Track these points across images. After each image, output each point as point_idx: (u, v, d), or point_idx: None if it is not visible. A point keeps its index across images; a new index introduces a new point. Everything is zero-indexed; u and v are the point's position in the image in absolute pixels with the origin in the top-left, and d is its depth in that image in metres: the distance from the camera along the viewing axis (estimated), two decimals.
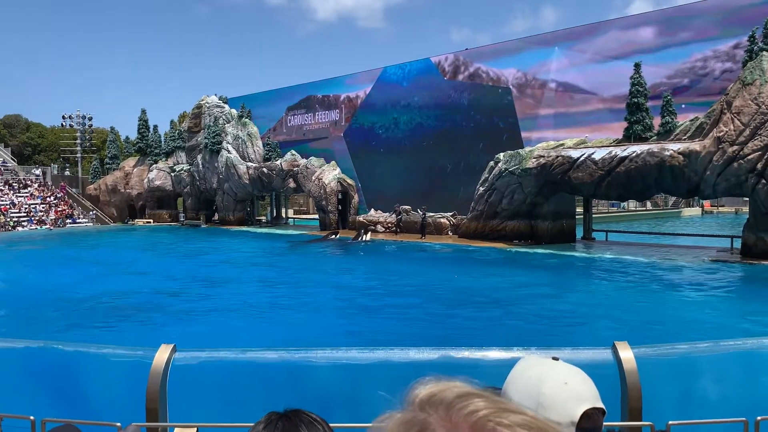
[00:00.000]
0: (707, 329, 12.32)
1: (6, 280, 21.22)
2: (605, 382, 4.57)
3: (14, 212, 48.83)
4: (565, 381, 1.28)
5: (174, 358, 5.26)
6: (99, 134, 68.97)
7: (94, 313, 15.00)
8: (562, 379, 1.29)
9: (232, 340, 11.88)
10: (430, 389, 0.80)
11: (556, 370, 1.32)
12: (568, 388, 1.27)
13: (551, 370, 1.31)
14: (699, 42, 25.19)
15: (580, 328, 12.83)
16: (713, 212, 58.66)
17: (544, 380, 1.28)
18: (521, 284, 18.27)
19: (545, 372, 1.30)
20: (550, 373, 1.30)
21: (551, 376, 1.29)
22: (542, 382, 1.28)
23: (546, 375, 1.29)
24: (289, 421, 1.11)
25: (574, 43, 29.27)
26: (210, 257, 27.15)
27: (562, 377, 1.29)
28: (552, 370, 1.32)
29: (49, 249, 33.19)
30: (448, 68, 34.53)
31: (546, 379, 1.28)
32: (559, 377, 1.29)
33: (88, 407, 5.63)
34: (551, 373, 1.30)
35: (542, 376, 1.29)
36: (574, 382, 1.29)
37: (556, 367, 1.33)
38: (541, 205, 28.09)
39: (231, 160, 44.51)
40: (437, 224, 33.38)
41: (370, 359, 5.66)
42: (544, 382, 1.27)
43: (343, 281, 20.48)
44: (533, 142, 29.54)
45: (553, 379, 1.28)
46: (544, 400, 1.25)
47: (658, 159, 23.16)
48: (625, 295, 16.76)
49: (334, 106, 41.82)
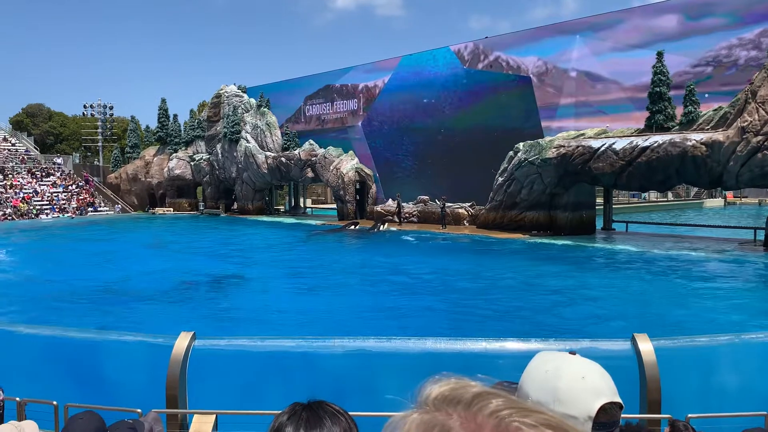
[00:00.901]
0: (728, 322, 12.19)
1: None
2: (624, 374, 4.54)
3: (37, 200, 49.58)
4: (583, 375, 1.27)
5: (194, 345, 5.33)
6: (120, 123, 69.64)
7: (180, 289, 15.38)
8: (579, 374, 1.27)
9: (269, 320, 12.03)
10: (444, 388, 0.78)
11: (574, 364, 1.31)
12: (585, 383, 1.26)
13: (568, 365, 1.30)
14: (723, 30, 24.70)
15: (598, 320, 12.75)
16: (736, 203, 57.71)
17: (560, 375, 1.26)
18: (540, 275, 18.19)
19: (562, 366, 1.29)
20: (567, 367, 1.29)
21: (568, 371, 1.28)
22: (559, 377, 1.26)
23: (563, 369, 1.28)
24: (313, 413, 1.12)
25: (595, 31, 28.87)
26: (245, 244, 28.21)
27: (579, 372, 1.28)
28: (569, 364, 1.30)
29: (102, 235, 33.70)
30: (468, 57, 34.27)
31: (563, 373, 1.27)
32: (577, 371, 1.28)
33: (109, 393, 5.72)
34: (568, 368, 1.29)
35: (559, 371, 1.27)
36: (592, 376, 1.28)
37: (573, 361, 1.32)
38: (560, 196, 27.87)
39: (250, 150, 44.71)
40: (455, 214, 33.29)
41: (386, 348, 5.68)
42: (560, 377, 1.26)
43: (360, 269, 20.61)
44: (553, 131, 29.28)
45: (570, 374, 1.27)
46: (560, 395, 1.24)
47: (680, 149, 22.85)
48: (645, 286, 16.62)
49: (353, 96, 41.75)
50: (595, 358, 1.36)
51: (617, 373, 1.47)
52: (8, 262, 24.20)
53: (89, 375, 6.07)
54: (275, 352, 5.98)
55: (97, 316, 13.26)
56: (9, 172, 51.94)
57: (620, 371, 1.89)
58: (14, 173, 52.13)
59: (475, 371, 0.97)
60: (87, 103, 62.87)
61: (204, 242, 29.23)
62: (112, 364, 6.11)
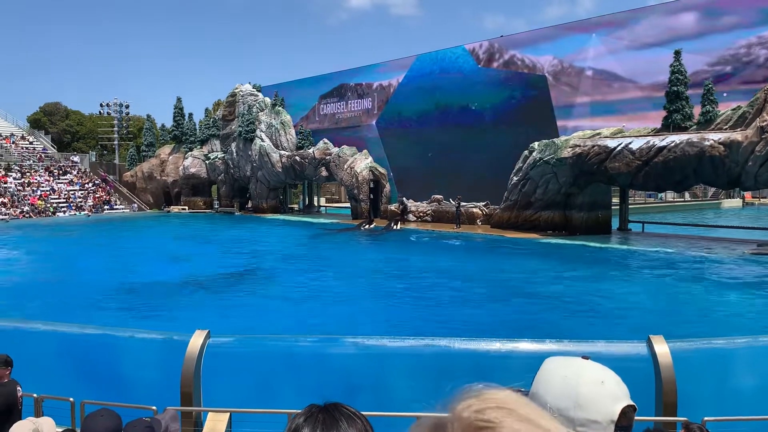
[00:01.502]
0: (745, 324, 12.05)
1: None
2: (639, 376, 4.50)
3: (54, 198, 50.12)
4: (602, 380, 1.29)
5: (208, 343, 5.36)
6: (135, 122, 70.17)
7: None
8: (599, 379, 1.29)
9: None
10: (470, 406, 0.80)
11: (592, 369, 1.32)
12: (605, 388, 1.27)
13: (586, 370, 1.31)
14: (743, 28, 24.40)
15: (614, 321, 12.66)
16: (754, 204, 56.99)
17: (580, 380, 1.28)
18: (555, 275, 18.09)
19: (580, 372, 1.30)
20: (586, 372, 1.30)
21: (588, 376, 1.29)
22: (579, 383, 1.28)
23: (582, 375, 1.29)
24: (330, 415, 1.12)
25: (612, 29, 28.64)
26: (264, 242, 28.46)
27: (598, 377, 1.30)
28: (587, 369, 1.31)
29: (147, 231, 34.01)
30: (483, 56, 34.15)
31: (582, 379, 1.28)
32: (596, 377, 1.30)
33: (125, 390, 5.76)
34: (587, 373, 1.30)
35: (578, 377, 1.29)
36: (610, 381, 1.30)
37: (590, 366, 1.33)
38: (575, 196, 27.68)
39: (264, 149, 44.88)
40: (469, 214, 33.18)
41: (401, 348, 5.68)
42: (580, 383, 1.28)
43: (373, 269, 20.63)
44: (569, 131, 29.09)
45: (590, 379, 1.29)
46: (581, 400, 1.25)
47: (697, 149, 22.61)
48: (661, 287, 16.47)
49: (367, 95, 41.77)
50: (611, 361, 1.36)
51: (633, 376, 1.47)
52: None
53: (105, 372, 6.12)
54: (289, 349, 6.00)
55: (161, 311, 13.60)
56: (26, 170, 52.55)
57: (636, 373, 1.87)
58: (32, 171, 52.73)
59: (493, 372, 0.96)
60: (103, 102, 63.46)
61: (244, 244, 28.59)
62: (128, 361, 6.16)
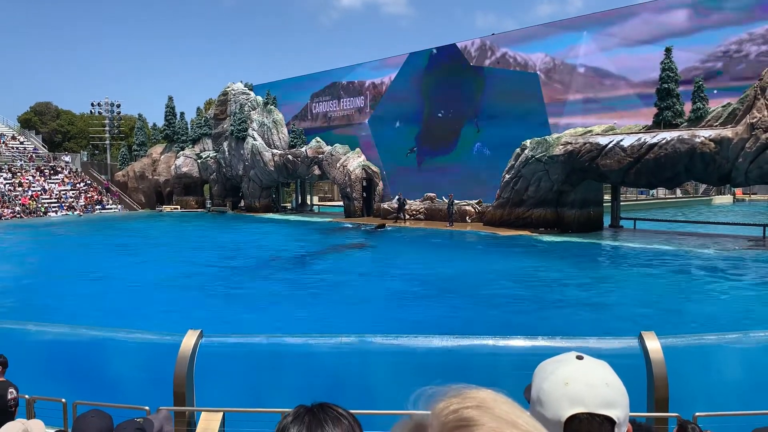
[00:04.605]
0: (736, 319, 12.12)
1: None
2: (631, 372, 4.52)
3: (45, 198, 49.84)
4: (567, 382, 1.20)
5: (201, 343, 5.34)
6: (127, 121, 69.82)
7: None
8: (567, 379, 1.21)
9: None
10: (449, 406, 0.80)
11: (572, 368, 1.24)
12: (568, 389, 1.19)
13: (568, 367, 1.24)
14: (733, 25, 24.52)
15: (605, 317, 12.71)
16: (745, 200, 57.33)
17: (551, 376, 1.23)
18: (548, 272, 18.13)
19: (560, 368, 1.24)
20: (564, 369, 1.24)
21: (560, 373, 1.23)
22: (544, 379, 1.23)
23: (556, 371, 1.23)
24: (315, 416, 1.12)
25: (603, 27, 28.72)
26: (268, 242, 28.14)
27: (566, 377, 1.21)
28: (568, 366, 1.24)
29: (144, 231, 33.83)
30: (475, 53, 34.18)
31: (555, 375, 1.23)
32: (564, 377, 1.22)
33: (117, 390, 5.74)
34: (563, 370, 1.24)
35: (553, 373, 1.23)
36: (578, 384, 1.20)
37: (575, 365, 1.25)
38: (567, 193, 27.76)
39: (256, 147, 44.77)
40: (462, 211, 33.22)
41: (394, 346, 5.68)
42: (546, 379, 1.23)
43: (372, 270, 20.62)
44: (561, 128, 29.16)
45: (560, 377, 1.22)
46: (542, 396, 1.21)
47: (688, 146, 22.71)
48: (652, 284, 16.54)
49: (359, 93, 41.73)
50: (602, 357, 1.34)
51: (625, 372, 1.46)
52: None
53: (97, 372, 6.09)
54: (282, 348, 5.99)
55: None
56: (17, 170, 52.24)
57: (627, 370, 1.88)
58: (22, 171, 52.42)
59: (489, 369, 0.96)
60: (94, 102, 63.09)
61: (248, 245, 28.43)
62: (120, 362, 6.13)
